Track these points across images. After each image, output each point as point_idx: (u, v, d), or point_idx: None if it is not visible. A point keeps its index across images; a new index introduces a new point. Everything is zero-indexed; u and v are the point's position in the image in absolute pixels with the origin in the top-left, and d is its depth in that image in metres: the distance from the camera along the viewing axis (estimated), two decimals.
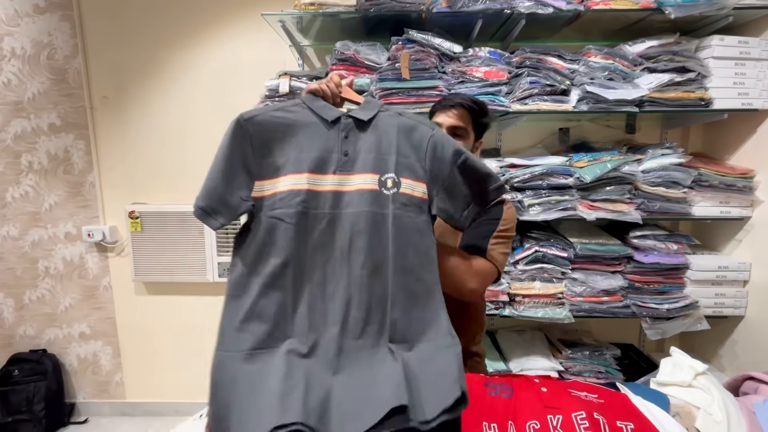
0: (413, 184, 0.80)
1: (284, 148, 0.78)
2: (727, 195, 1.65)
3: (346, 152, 0.79)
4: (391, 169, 0.79)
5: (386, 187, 0.78)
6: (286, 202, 0.74)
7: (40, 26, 1.96)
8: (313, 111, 0.81)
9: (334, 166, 0.78)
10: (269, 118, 0.79)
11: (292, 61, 1.96)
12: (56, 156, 2.06)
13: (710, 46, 1.59)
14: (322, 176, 0.77)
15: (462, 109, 1.04)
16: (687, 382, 0.86)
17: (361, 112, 0.82)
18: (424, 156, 0.81)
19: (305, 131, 0.79)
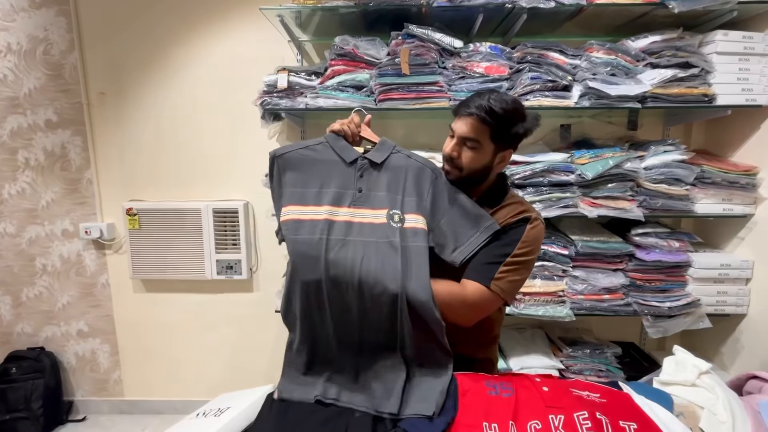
0: (416, 218, 0.92)
1: (308, 181, 0.94)
2: (730, 192, 1.64)
3: (360, 189, 0.94)
4: (397, 206, 0.93)
5: (393, 221, 0.91)
6: (307, 229, 0.88)
7: (36, 21, 1.94)
8: (335, 151, 0.97)
9: (349, 200, 0.93)
10: (297, 155, 0.97)
11: (291, 56, 1.94)
12: (53, 152, 2.04)
13: (714, 42, 1.57)
14: (338, 208, 0.92)
15: (476, 120, 0.92)
16: (691, 381, 0.85)
17: (376, 154, 0.98)
18: (426, 196, 0.95)
19: (327, 168, 0.96)
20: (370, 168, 0.96)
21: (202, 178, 2.05)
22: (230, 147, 2.02)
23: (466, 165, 0.96)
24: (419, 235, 0.90)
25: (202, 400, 2.29)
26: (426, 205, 0.95)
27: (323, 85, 1.64)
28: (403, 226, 0.91)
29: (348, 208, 0.92)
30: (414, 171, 0.97)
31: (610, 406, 0.80)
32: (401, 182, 0.95)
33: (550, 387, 0.85)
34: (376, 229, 0.90)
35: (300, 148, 0.97)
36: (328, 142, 0.99)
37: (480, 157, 0.96)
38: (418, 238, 0.90)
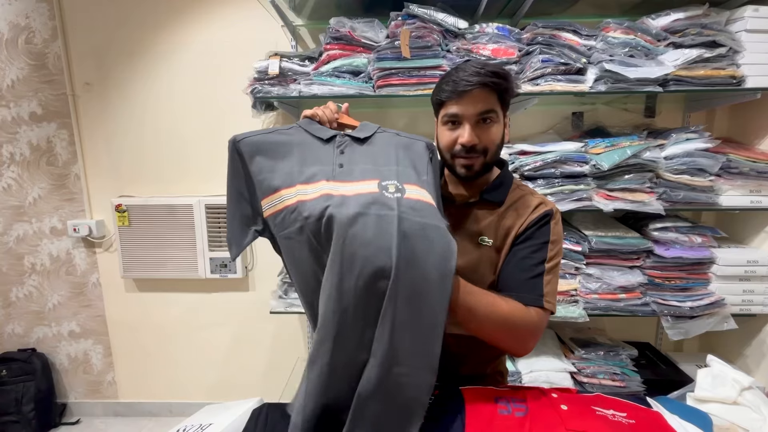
0: (418, 190, 0.73)
1: (279, 166, 0.76)
2: (759, 183, 1.51)
3: (341, 164, 0.75)
4: (392, 177, 0.74)
5: (388, 191, 0.70)
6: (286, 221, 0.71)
7: (17, 8, 1.84)
8: (309, 132, 0.80)
9: (328, 176, 0.73)
10: (263, 138, 0.79)
11: (284, 42, 1.83)
12: (38, 146, 1.95)
13: (743, 18, 1.43)
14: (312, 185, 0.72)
15: (484, 89, 0.79)
16: (732, 399, 0.74)
17: (358, 132, 0.81)
18: (425, 170, 0.78)
19: (300, 148, 0.78)
20: (352, 144, 0.79)
21: (193, 172, 1.95)
22: (223, 138, 1.87)
23: (491, 144, 0.83)
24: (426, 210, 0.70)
25: (197, 402, 2.21)
26: (426, 180, 0.76)
27: (318, 71, 1.53)
28: (403, 197, 0.70)
29: (325, 182, 0.72)
30: (406, 145, 0.81)
31: (640, 428, 0.69)
32: (393, 156, 0.77)
33: (570, 405, 0.74)
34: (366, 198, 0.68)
35: (266, 132, 0.80)
36: (300, 125, 0.82)
37: (499, 130, 0.84)
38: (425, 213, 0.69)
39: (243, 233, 0.78)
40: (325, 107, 0.86)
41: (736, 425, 0.71)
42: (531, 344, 0.80)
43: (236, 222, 0.78)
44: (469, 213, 0.89)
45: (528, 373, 1.62)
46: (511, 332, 0.77)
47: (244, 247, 0.79)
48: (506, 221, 0.86)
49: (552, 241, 0.82)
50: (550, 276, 0.81)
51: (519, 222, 0.84)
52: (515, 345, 0.79)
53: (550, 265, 0.81)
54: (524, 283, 0.80)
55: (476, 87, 0.79)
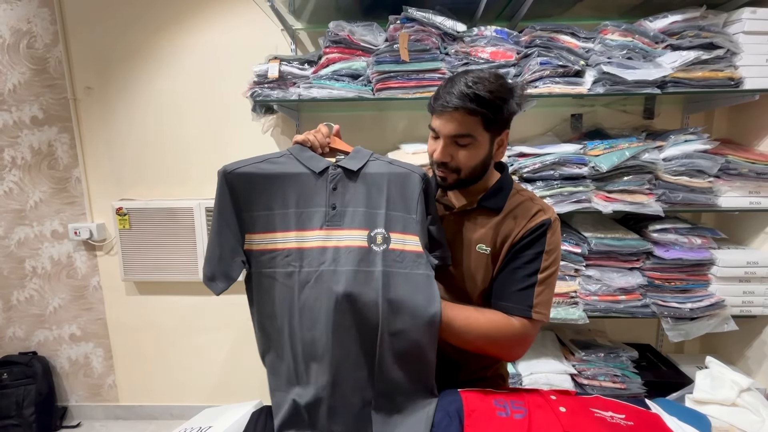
0: (404, 237, 0.78)
1: (271, 202, 0.77)
2: (758, 184, 1.52)
3: (334, 205, 0.78)
4: (380, 224, 0.77)
5: (376, 243, 0.76)
6: (277, 261, 0.75)
7: (19, 13, 1.85)
8: (301, 162, 0.80)
9: (321, 220, 0.77)
10: (254, 170, 0.78)
11: (284, 46, 1.84)
12: (40, 150, 1.96)
13: (741, 20, 1.44)
14: (309, 232, 0.77)
15: (462, 113, 0.77)
16: (730, 400, 0.74)
17: (350, 162, 0.81)
18: (415, 207, 0.79)
19: (292, 183, 0.78)
20: (344, 178, 0.79)
21: (193, 175, 1.96)
22: (223, 141, 1.93)
23: (464, 165, 0.82)
24: (407, 259, 0.76)
25: (197, 405, 2.21)
26: (415, 219, 0.79)
27: (317, 74, 1.54)
28: (388, 248, 0.76)
29: (320, 230, 0.76)
30: (398, 178, 0.80)
31: (638, 430, 0.69)
32: (383, 194, 0.79)
33: (568, 407, 0.74)
34: (355, 255, 0.75)
35: (257, 162, 0.79)
36: (291, 153, 0.81)
37: (477, 153, 0.81)
38: (406, 264, 0.76)
39: (231, 266, 0.77)
40: (316, 132, 0.84)
41: (735, 427, 0.71)
42: (517, 352, 0.83)
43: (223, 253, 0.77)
44: (467, 220, 0.89)
45: (528, 375, 1.62)
46: (492, 343, 0.80)
47: (234, 280, 0.77)
48: (504, 228, 0.85)
49: (547, 251, 0.82)
50: (542, 287, 0.81)
51: (516, 230, 0.84)
52: (500, 353, 0.83)
53: (543, 276, 0.81)
54: (513, 294, 0.81)
55: (455, 110, 0.77)
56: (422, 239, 0.78)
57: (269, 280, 0.75)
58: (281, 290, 0.75)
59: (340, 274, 0.73)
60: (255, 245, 0.77)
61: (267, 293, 0.76)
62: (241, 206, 0.77)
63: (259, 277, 0.76)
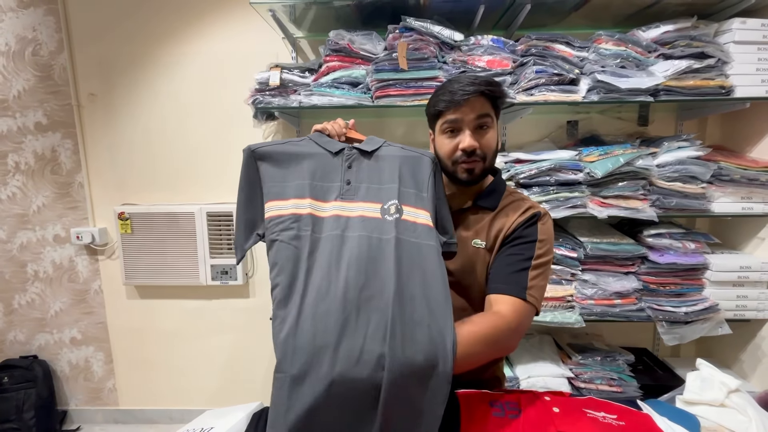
0: (416, 211, 0.80)
1: (290, 174, 0.82)
2: (750, 190, 1.54)
3: (349, 181, 0.82)
4: (393, 196, 0.81)
5: (389, 214, 0.79)
6: (287, 224, 0.77)
7: (24, 21, 1.89)
8: (319, 144, 0.86)
9: (336, 193, 0.81)
10: (276, 148, 0.85)
11: (285, 53, 1.88)
12: (43, 156, 1.99)
13: (731, 30, 1.47)
14: (323, 203, 0.80)
15: (480, 96, 0.86)
16: (719, 401, 0.76)
17: (365, 145, 0.87)
18: (426, 186, 0.84)
19: (310, 160, 0.84)
20: (359, 157, 0.85)
21: (195, 181, 1.99)
22: (224, 148, 1.96)
23: (488, 147, 0.89)
24: (420, 230, 0.78)
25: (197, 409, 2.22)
26: (426, 197, 0.83)
27: (317, 82, 1.57)
28: (401, 218, 0.78)
29: (335, 201, 0.80)
30: (410, 160, 0.86)
31: (629, 429, 0.71)
32: (396, 172, 0.83)
33: (562, 408, 0.76)
34: (368, 223, 0.77)
35: (279, 144, 0.86)
36: (311, 138, 0.88)
37: (494, 135, 0.90)
38: (418, 234, 0.77)
39: (247, 237, 0.83)
40: (335, 122, 0.91)
41: (723, 427, 0.73)
42: (513, 342, 0.83)
43: (242, 226, 0.84)
44: (463, 218, 0.94)
45: (526, 379, 1.64)
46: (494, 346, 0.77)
47: (245, 251, 0.84)
48: (497, 224, 0.91)
49: (540, 240, 0.86)
50: (536, 272, 0.84)
51: (508, 224, 0.89)
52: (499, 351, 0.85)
53: (538, 263, 0.84)
54: (508, 277, 0.84)
55: (473, 95, 0.85)
56: (432, 217, 0.82)
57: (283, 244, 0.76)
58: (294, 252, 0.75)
59: (352, 239, 0.75)
60: (273, 212, 0.80)
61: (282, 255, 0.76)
62: (262, 179, 0.83)
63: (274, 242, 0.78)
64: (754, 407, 0.75)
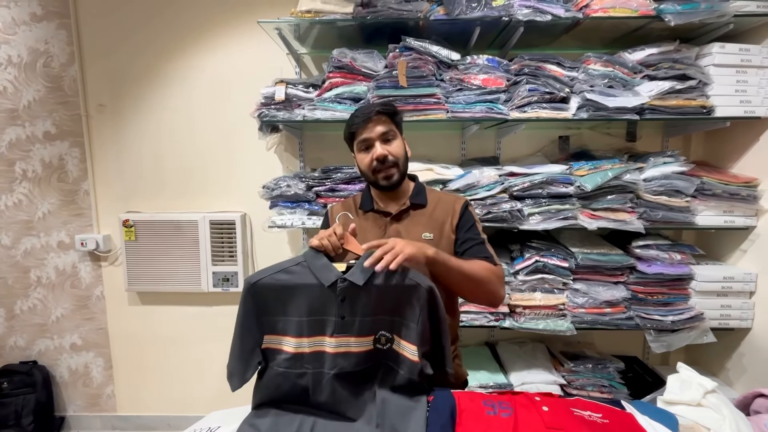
0: (405, 345, 0.87)
1: (287, 310, 0.88)
2: (731, 204, 1.62)
3: (343, 316, 0.86)
4: (385, 327, 0.87)
5: (381, 343, 0.87)
6: (291, 363, 0.86)
7: (37, 34, 1.96)
8: (313, 272, 0.88)
9: (331, 329, 0.86)
10: (272, 281, 0.88)
11: (289, 68, 1.95)
12: (50, 164, 2.04)
13: (711, 54, 1.57)
14: (321, 338, 0.87)
15: (380, 115, 1.08)
16: (696, 401, 0.82)
17: (357, 274, 0.86)
18: (417, 317, 0.86)
19: (305, 294, 0.87)
20: (352, 291, 0.86)
21: (199, 190, 2.04)
22: (228, 159, 2.02)
23: (397, 154, 1.09)
24: (407, 362, 0.85)
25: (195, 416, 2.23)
26: (416, 328, 0.86)
27: (321, 97, 1.64)
28: (391, 347, 0.87)
29: (331, 337, 0.86)
30: (403, 291, 0.86)
31: (613, 427, 0.77)
32: (389, 302, 0.86)
33: (550, 407, 0.82)
34: (363, 357, 0.86)
35: (276, 273, 0.88)
36: (306, 261, 0.89)
37: (400, 143, 1.11)
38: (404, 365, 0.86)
39: (248, 367, 0.88)
40: (330, 236, 0.92)
41: (700, 425, 0.78)
42: (503, 291, 1.06)
43: (242, 356, 0.88)
44: (406, 218, 1.13)
45: (519, 386, 1.68)
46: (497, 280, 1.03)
47: (247, 380, 0.89)
48: (437, 216, 1.12)
49: (476, 221, 1.13)
50: (488, 245, 1.10)
51: (449, 217, 1.11)
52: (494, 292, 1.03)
53: (484, 237, 1.11)
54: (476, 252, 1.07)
55: (374, 115, 1.07)
56: (420, 349, 0.85)
57: (282, 377, 0.87)
58: (292, 386, 0.86)
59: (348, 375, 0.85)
60: (273, 344, 0.88)
61: (279, 386, 0.87)
62: (261, 311, 0.88)
63: (273, 372, 0.87)
64: (729, 407, 0.81)
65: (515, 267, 1.66)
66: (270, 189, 1.72)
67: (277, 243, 2.06)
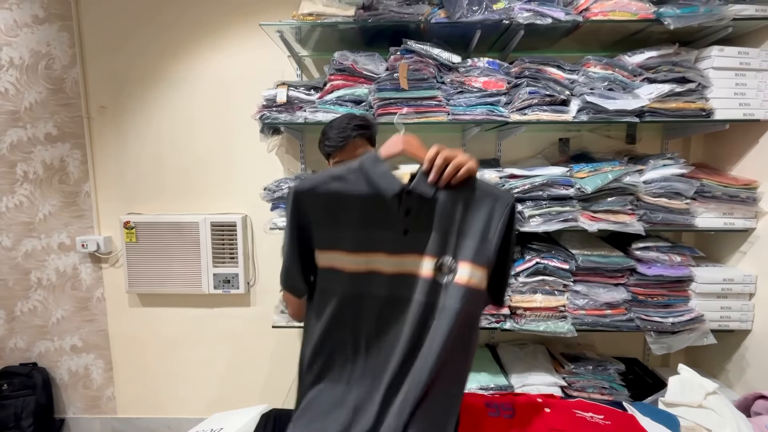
0: (472, 270, 0.74)
1: (339, 223, 0.76)
2: (731, 206, 1.63)
3: (406, 231, 0.75)
4: (449, 251, 0.75)
5: (441, 273, 0.75)
6: (340, 281, 0.77)
7: (39, 36, 1.96)
8: (373, 180, 0.75)
9: (390, 245, 0.76)
10: (324, 189, 0.76)
11: (290, 71, 1.96)
12: (52, 165, 2.04)
13: (710, 57, 1.58)
14: (375, 255, 0.76)
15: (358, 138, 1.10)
16: (697, 402, 0.82)
17: (424, 185, 0.75)
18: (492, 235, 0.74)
19: (362, 204, 0.75)
20: (417, 203, 0.75)
21: (200, 192, 2.04)
22: (229, 160, 2.02)
23: None
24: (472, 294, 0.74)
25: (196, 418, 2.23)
26: (490, 247, 0.74)
27: (322, 99, 1.65)
28: (454, 280, 0.74)
29: (389, 255, 0.75)
30: (479, 205, 0.75)
31: (615, 428, 0.77)
32: (456, 219, 0.74)
33: (552, 408, 0.82)
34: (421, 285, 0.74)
35: (328, 180, 0.76)
36: (364, 167, 0.77)
37: None
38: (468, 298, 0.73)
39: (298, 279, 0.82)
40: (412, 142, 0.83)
41: (701, 426, 0.79)
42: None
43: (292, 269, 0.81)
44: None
45: (520, 387, 1.68)
46: None
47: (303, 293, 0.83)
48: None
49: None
50: None
51: None
52: None
53: None
54: None
55: (353, 138, 1.10)
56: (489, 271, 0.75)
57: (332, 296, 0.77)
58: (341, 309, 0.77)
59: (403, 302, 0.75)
60: (324, 261, 0.78)
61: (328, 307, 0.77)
62: (310, 224, 0.77)
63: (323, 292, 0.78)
64: (730, 408, 0.81)
65: (516, 269, 1.66)
66: (271, 191, 1.73)
67: (279, 245, 2.06)
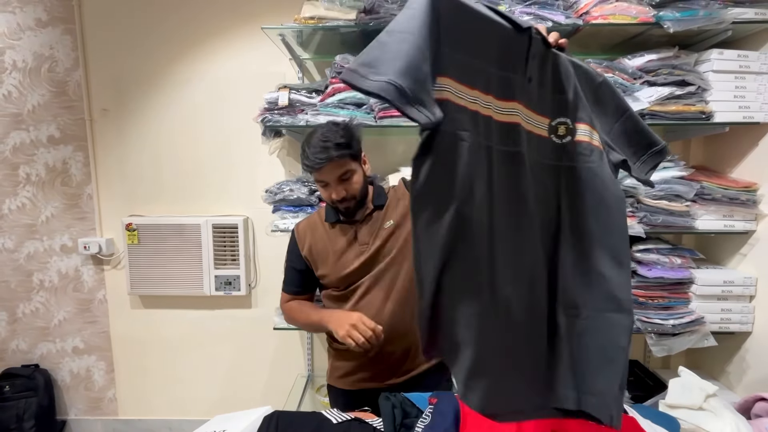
0: (591, 131, 0.68)
1: (478, 50, 0.60)
2: (731, 208, 1.63)
3: (530, 78, 0.65)
4: (564, 111, 0.68)
5: (556, 134, 0.67)
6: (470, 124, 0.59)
7: (42, 39, 1.97)
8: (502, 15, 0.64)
9: (517, 92, 0.64)
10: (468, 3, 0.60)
11: (292, 74, 1.97)
12: (54, 168, 2.05)
13: (710, 60, 1.58)
14: (506, 102, 0.63)
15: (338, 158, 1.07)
16: (697, 405, 0.83)
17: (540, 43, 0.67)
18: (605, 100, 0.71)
19: (500, 35, 0.62)
20: (541, 50, 0.66)
21: (202, 194, 2.05)
22: (231, 163, 2.03)
23: (356, 192, 1.13)
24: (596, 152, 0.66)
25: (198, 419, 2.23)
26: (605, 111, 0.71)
27: (324, 102, 1.65)
28: (574, 139, 0.66)
29: (515, 102, 0.63)
30: (586, 73, 0.71)
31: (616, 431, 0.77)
32: (571, 81, 0.68)
33: None
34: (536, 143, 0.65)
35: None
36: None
37: (358, 178, 1.14)
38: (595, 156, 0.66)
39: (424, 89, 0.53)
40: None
41: (701, 428, 0.79)
42: None
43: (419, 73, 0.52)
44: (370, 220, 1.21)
45: None
46: None
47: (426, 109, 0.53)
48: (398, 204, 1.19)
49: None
50: None
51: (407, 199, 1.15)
52: None
53: None
54: None
55: (332, 160, 1.06)
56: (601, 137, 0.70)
57: (462, 143, 0.58)
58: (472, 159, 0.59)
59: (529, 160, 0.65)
60: (450, 94, 0.57)
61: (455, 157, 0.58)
62: (444, 38, 0.56)
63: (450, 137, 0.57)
64: (730, 410, 0.82)
65: None
66: (273, 193, 1.73)
67: (280, 247, 2.06)
